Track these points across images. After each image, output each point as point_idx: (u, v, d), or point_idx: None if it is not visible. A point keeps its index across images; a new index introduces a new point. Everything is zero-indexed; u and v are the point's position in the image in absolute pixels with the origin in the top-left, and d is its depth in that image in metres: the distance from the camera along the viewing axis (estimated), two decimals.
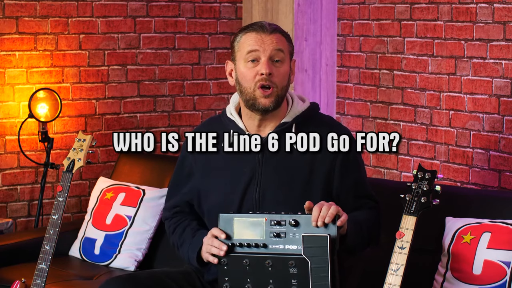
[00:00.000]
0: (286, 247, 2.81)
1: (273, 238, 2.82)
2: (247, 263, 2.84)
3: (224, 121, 3.08)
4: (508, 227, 3.12)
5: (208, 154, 3.05)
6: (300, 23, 4.67)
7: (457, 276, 3.13)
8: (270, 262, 2.81)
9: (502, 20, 3.93)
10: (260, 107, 2.95)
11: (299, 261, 2.77)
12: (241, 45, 2.97)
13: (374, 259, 3.20)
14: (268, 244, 2.83)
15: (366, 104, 4.64)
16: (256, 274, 2.84)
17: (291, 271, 2.79)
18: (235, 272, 2.86)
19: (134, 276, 3.11)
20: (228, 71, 3.06)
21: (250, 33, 2.96)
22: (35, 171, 4.59)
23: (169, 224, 3.18)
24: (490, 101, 4.01)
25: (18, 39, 4.50)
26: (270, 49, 2.93)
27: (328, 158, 2.98)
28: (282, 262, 2.80)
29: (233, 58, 3.01)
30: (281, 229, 2.82)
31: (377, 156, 4.58)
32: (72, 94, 4.64)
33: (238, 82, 2.99)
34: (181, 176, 3.15)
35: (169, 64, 4.91)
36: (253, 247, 2.84)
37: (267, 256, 2.82)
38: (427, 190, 2.85)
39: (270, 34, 2.94)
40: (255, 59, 2.94)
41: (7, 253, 4.01)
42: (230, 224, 2.88)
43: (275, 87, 2.94)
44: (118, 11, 4.74)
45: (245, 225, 2.86)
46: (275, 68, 2.94)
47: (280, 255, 2.81)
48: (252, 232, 2.85)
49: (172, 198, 3.18)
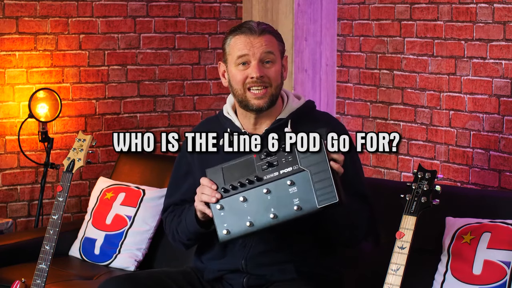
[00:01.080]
0: (281, 172, 2.73)
1: (266, 170, 2.74)
2: (244, 200, 2.74)
3: (221, 120, 3.09)
4: (508, 227, 3.12)
5: (208, 153, 3.05)
6: (300, 23, 4.67)
7: (457, 276, 3.13)
8: (267, 189, 2.72)
9: (502, 20, 3.93)
10: (253, 108, 2.97)
11: (297, 177, 2.70)
12: (231, 48, 2.98)
13: (374, 259, 3.20)
14: (262, 176, 2.74)
15: (366, 104, 4.64)
16: (255, 207, 2.73)
17: (291, 191, 2.70)
18: (232, 213, 2.75)
19: (134, 276, 3.11)
20: (221, 72, 3.09)
21: (239, 35, 2.96)
22: (35, 171, 4.59)
23: (165, 217, 3.15)
24: (490, 101, 4.01)
25: (18, 39, 4.50)
26: (260, 52, 2.94)
27: None
28: (280, 185, 2.71)
29: (224, 60, 3.03)
30: (272, 159, 2.75)
31: (377, 156, 4.58)
32: (72, 94, 4.64)
33: (230, 84, 3.03)
34: (179, 175, 3.15)
35: (169, 64, 4.91)
36: (248, 185, 2.75)
37: (262, 185, 2.73)
38: (427, 190, 2.85)
39: (259, 36, 2.95)
40: (246, 62, 2.95)
41: (7, 253, 4.01)
42: (219, 175, 2.80)
43: (270, 87, 2.95)
44: (118, 11, 4.74)
45: (235, 169, 2.79)
46: (265, 70, 2.95)
47: (277, 180, 2.72)
48: (244, 172, 2.76)
49: (170, 197, 3.18)
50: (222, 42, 3.04)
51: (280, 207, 2.71)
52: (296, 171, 2.71)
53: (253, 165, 2.77)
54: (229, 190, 2.78)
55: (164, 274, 3.03)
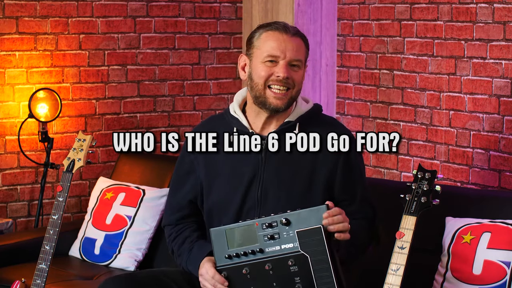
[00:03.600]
0: (282, 247, 2.79)
1: (267, 241, 2.80)
2: (248, 272, 2.82)
3: (228, 118, 3.06)
4: (508, 227, 3.12)
5: (209, 153, 3.05)
6: (300, 23, 4.67)
7: (457, 276, 3.13)
8: (270, 265, 2.80)
9: (502, 20, 3.93)
10: (271, 107, 2.96)
11: (298, 258, 2.76)
12: (261, 43, 2.95)
13: (374, 259, 3.20)
14: (264, 248, 2.81)
15: (366, 104, 4.64)
16: (258, 280, 2.82)
17: (292, 269, 2.77)
18: (237, 282, 2.85)
19: (133, 275, 3.11)
20: (241, 65, 3.04)
21: (272, 31, 2.95)
22: (35, 171, 4.59)
23: (170, 231, 3.14)
24: (490, 101, 4.01)
25: (18, 39, 4.50)
26: (290, 56, 2.93)
27: (330, 158, 2.98)
28: (282, 263, 2.78)
29: (249, 54, 2.99)
30: (273, 231, 2.80)
31: (377, 156, 4.58)
32: (72, 94, 4.64)
33: (251, 78, 2.98)
34: (181, 174, 3.13)
35: (169, 64, 4.91)
36: (250, 255, 2.82)
37: (265, 260, 2.80)
38: (427, 190, 2.85)
39: (292, 37, 2.94)
40: (274, 60, 2.93)
41: (7, 253, 4.01)
42: (222, 237, 2.86)
43: (292, 89, 2.95)
44: (118, 11, 4.74)
45: (238, 234, 2.84)
46: (292, 72, 2.95)
47: (278, 256, 2.79)
48: (246, 240, 2.83)
49: (173, 200, 3.16)
50: (250, 35, 3.00)
51: (283, 284, 2.80)
52: (296, 253, 2.77)
53: (255, 234, 2.83)
54: (232, 257, 2.85)
55: (163, 274, 3.03)
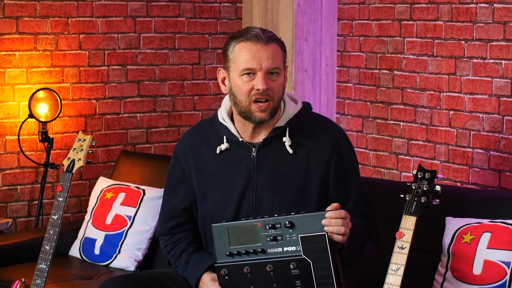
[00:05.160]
0: (285, 249, 2.78)
1: (270, 242, 2.79)
2: (248, 271, 2.81)
3: (216, 126, 3.01)
4: (508, 227, 3.12)
5: (200, 163, 3.01)
6: (300, 23, 4.67)
7: (457, 276, 3.13)
8: (271, 266, 2.78)
9: (502, 20, 3.93)
10: (256, 120, 2.90)
11: (300, 261, 2.75)
12: (235, 56, 2.87)
13: (374, 259, 3.20)
14: (266, 248, 2.80)
15: (366, 104, 4.64)
16: (259, 280, 2.81)
17: (293, 272, 2.76)
18: (236, 281, 2.83)
19: (134, 276, 3.11)
20: (220, 79, 2.97)
21: (244, 42, 2.86)
22: (35, 171, 4.59)
23: (166, 243, 3.09)
24: (490, 101, 4.01)
25: (18, 39, 4.50)
26: (267, 65, 2.85)
27: (322, 161, 2.94)
28: (283, 265, 2.77)
29: (226, 67, 2.92)
30: (276, 232, 2.79)
31: (377, 156, 4.58)
32: (72, 94, 4.64)
33: (233, 93, 2.91)
34: (173, 183, 3.08)
35: (169, 64, 4.91)
36: (251, 254, 2.81)
37: (267, 261, 2.79)
38: (427, 190, 2.84)
39: (266, 45, 2.85)
40: (251, 72, 2.86)
41: (7, 253, 4.01)
42: (224, 234, 2.84)
43: (272, 100, 2.88)
44: (118, 11, 4.74)
45: (240, 232, 2.83)
46: (271, 82, 2.87)
47: (280, 258, 2.78)
48: (249, 239, 2.82)
49: (167, 208, 3.10)
50: (223, 47, 2.94)
51: (283, 285, 2.79)
52: (298, 256, 2.76)
53: (258, 233, 2.81)
54: (234, 255, 2.83)
55: (164, 275, 3.03)
